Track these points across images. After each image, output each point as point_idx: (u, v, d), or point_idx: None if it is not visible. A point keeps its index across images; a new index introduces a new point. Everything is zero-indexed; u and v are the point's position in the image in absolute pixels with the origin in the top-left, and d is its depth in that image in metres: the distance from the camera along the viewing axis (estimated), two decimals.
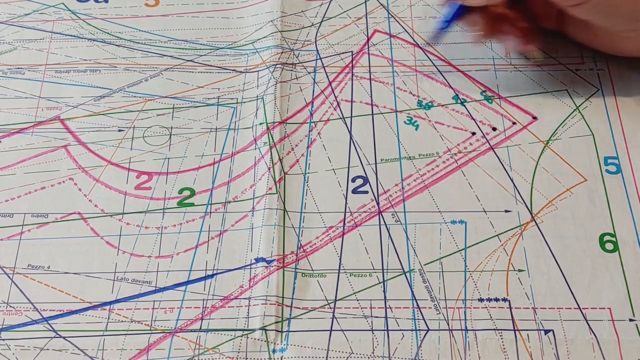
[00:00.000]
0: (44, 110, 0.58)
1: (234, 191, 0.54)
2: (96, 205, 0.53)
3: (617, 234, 0.52)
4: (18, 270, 0.51)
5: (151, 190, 0.54)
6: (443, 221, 0.53)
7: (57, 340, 0.48)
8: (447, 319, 0.48)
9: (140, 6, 0.65)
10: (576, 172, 0.55)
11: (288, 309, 0.49)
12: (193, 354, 0.47)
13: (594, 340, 0.48)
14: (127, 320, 0.49)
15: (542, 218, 0.53)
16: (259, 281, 0.50)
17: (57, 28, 0.63)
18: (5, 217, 0.53)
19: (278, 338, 0.48)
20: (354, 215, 0.53)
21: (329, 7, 0.65)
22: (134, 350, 0.48)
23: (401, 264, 0.51)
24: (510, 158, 0.55)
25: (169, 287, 0.50)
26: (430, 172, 0.55)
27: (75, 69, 0.61)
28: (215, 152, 0.56)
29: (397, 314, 0.49)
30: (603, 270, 0.50)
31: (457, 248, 0.52)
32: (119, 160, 0.56)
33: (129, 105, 0.58)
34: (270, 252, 0.51)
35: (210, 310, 0.49)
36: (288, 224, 0.52)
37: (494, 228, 0.52)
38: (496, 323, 0.48)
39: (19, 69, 0.61)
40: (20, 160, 0.55)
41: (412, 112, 0.58)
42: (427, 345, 0.48)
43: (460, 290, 0.50)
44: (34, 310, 0.49)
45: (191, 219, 0.53)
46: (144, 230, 0.53)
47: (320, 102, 0.58)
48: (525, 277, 0.50)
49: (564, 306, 0.49)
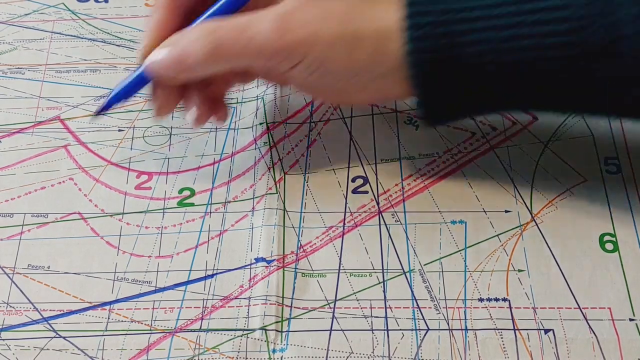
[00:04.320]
0: (44, 110, 0.58)
1: (234, 191, 0.54)
2: (96, 205, 0.53)
3: (617, 234, 0.52)
4: (18, 270, 0.51)
5: (151, 190, 0.54)
6: (443, 221, 0.53)
7: (57, 340, 0.48)
8: (447, 318, 0.48)
9: (140, 6, 0.65)
10: (576, 172, 0.55)
11: (288, 308, 0.49)
12: (193, 353, 0.47)
13: (594, 339, 0.48)
14: (127, 320, 0.49)
15: (542, 218, 0.53)
16: (259, 281, 0.50)
17: (57, 28, 0.63)
18: (5, 217, 0.53)
19: (278, 338, 0.48)
20: (354, 215, 0.53)
21: None
22: (134, 350, 0.48)
23: (401, 264, 0.51)
24: (511, 158, 0.55)
25: (169, 287, 0.50)
26: (431, 172, 0.55)
27: (76, 68, 0.61)
28: (215, 152, 0.56)
29: (397, 313, 0.49)
30: (603, 271, 0.50)
31: (457, 248, 0.52)
32: (119, 160, 0.56)
33: (129, 105, 0.58)
34: (270, 252, 0.51)
35: (210, 310, 0.49)
36: (288, 224, 0.52)
37: (494, 228, 0.52)
38: (496, 323, 0.48)
39: (19, 69, 0.61)
40: (20, 160, 0.55)
41: (413, 112, 0.58)
42: (427, 345, 0.47)
43: (460, 290, 0.50)
44: (34, 310, 0.49)
45: (191, 218, 0.53)
46: (144, 230, 0.52)
47: (320, 102, 0.58)
48: (525, 277, 0.50)
49: (564, 306, 0.49)
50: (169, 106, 0.51)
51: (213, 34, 0.47)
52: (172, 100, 0.51)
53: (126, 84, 0.50)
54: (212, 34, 0.47)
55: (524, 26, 0.45)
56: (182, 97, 0.52)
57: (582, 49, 0.44)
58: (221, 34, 0.47)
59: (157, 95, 0.51)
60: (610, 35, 0.43)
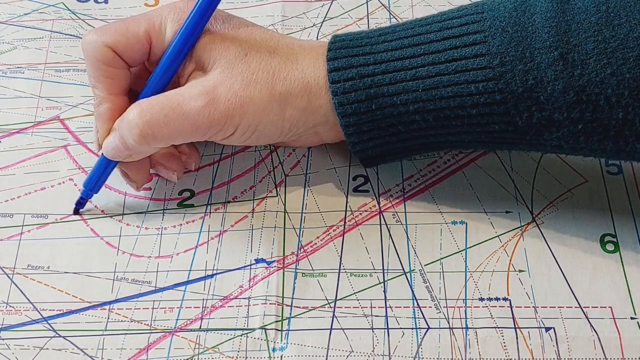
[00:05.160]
0: (43, 110, 0.58)
1: (233, 192, 0.54)
2: (96, 206, 0.53)
3: (617, 234, 0.52)
4: (18, 270, 0.50)
5: (151, 191, 0.54)
6: (444, 221, 0.53)
7: (56, 339, 0.48)
8: (447, 317, 0.48)
9: (140, 6, 0.65)
10: (577, 173, 0.55)
11: (288, 308, 0.49)
12: (193, 353, 0.47)
13: (595, 337, 0.47)
14: (126, 320, 0.49)
15: (542, 219, 0.53)
16: (259, 281, 0.50)
17: (56, 27, 0.64)
18: (5, 217, 0.53)
19: (278, 337, 0.48)
20: (355, 214, 0.53)
21: (331, 8, 0.65)
22: (134, 350, 0.47)
23: (401, 264, 0.51)
24: (512, 159, 0.55)
25: (168, 287, 0.50)
26: (431, 173, 0.55)
27: (75, 68, 0.61)
28: (215, 152, 0.56)
29: (398, 313, 0.49)
30: (604, 271, 0.50)
31: (458, 248, 0.51)
32: None
33: None
34: (270, 253, 0.51)
35: (210, 310, 0.49)
36: (289, 225, 0.52)
37: (495, 229, 0.52)
38: (497, 321, 0.48)
39: (18, 68, 0.61)
40: (20, 160, 0.55)
41: None
42: (427, 344, 0.47)
43: (460, 291, 0.50)
44: (33, 310, 0.49)
45: (191, 219, 0.53)
46: (143, 230, 0.52)
47: None
48: (526, 277, 0.50)
49: (565, 305, 0.49)
50: (142, 178, 0.53)
51: (141, 117, 0.48)
52: (142, 172, 0.53)
53: (94, 173, 0.52)
54: (140, 117, 0.48)
55: (445, 74, 0.46)
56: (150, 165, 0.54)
57: (502, 95, 0.45)
58: (150, 115, 0.48)
59: (126, 174, 0.53)
60: (529, 80, 0.44)
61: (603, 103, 0.44)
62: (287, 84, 0.49)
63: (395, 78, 0.48)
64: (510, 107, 0.45)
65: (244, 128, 0.49)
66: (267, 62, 0.49)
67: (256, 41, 0.50)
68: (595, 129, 0.45)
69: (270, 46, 0.50)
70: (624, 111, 0.44)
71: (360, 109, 0.48)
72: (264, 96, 0.48)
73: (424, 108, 0.47)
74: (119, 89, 0.51)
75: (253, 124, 0.49)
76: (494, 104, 0.46)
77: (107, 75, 0.50)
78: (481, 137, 0.48)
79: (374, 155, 0.52)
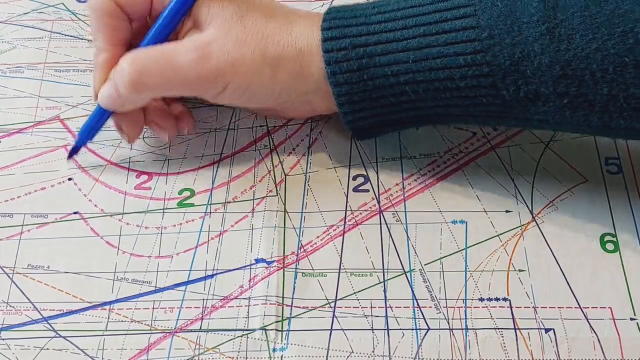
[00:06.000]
0: (43, 110, 0.58)
1: (233, 191, 0.54)
2: (96, 205, 0.53)
3: (617, 234, 0.52)
4: (18, 270, 0.50)
5: (151, 191, 0.54)
6: (444, 221, 0.53)
7: (57, 340, 0.48)
8: (447, 318, 0.48)
9: None
10: (577, 172, 0.55)
11: (288, 308, 0.49)
12: (193, 353, 0.47)
13: (594, 338, 0.47)
14: (127, 320, 0.49)
15: (542, 218, 0.52)
16: (259, 281, 0.50)
17: (56, 28, 0.63)
18: (5, 217, 0.53)
19: (278, 337, 0.48)
20: (355, 213, 0.53)
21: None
22: (134, 350, 0.47)
23: (402, 263, 0.51)
24: (512, 158, 0.55)
25: (169, 287, 0.50)
26: (431, 172, 0.55)
27: (75, 68, 0.61)
28: (215, 152, 0.56)
29: (398, 313, 0.49)
30: (604, 271, 0.50)
31: (458, 248, 0.51)
32: (119, 160, 0.55)
33: None
34: (271, 253, 0.51)
35: (210, 310, 0.49)
36: (289, 225, 0.52)
37: (495, 228, 0.52)
38: (497, 322, 0.48)
39: (18, 67, 0.61)
40: (20, 160, 0.55)
41: None
42: (427, 344, 0.47)
43: (460, 290, 0.50)
44: (33, 310, 0.49)
45: (191, 219, 0.53)
46: (143, 230, 0.52)
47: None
48: (526, 277, 0.50)
49: (565, 305, 0.49)
50: (135, 131, 0.54)
51: (133, 65, 0.49)
52: (135, 126, 0.54)
53: (89, 123, 0.53)
54: (132, 65, 0.49)
55: (435, 46, 0.47)
56: (144, 119, 0.54)
57: (490, 68, 0.46)
58: (142, 64, 0.49)
59: (120, 125, 0.53)
60: (516, 53, 0.45)
61: (588, 78, 0.44)
62: (279, 48, 0.50)
63: (386, 49, 0.48)
64: (497, 80, 0.46)
65: (234, 87, 0.50)
66: (263, 25, 0.50)
67: (254, 4, 0.51)
68: (581, 103, 0.45)
69: (268, 11, 0.51)
70: (609, 86, 0.44)
71: (352, 79, 0.49)
72: (256, 57, 0.49)
73: (414, 79, 0.48)
74: (119, 40, 0.52)
75: (244, 84, 0.50)
76: (482, 76, 0.46)
77: (108, 26, 0.51)
78: (469, 110, 0.49)
79: (366, 126, 0.53)
